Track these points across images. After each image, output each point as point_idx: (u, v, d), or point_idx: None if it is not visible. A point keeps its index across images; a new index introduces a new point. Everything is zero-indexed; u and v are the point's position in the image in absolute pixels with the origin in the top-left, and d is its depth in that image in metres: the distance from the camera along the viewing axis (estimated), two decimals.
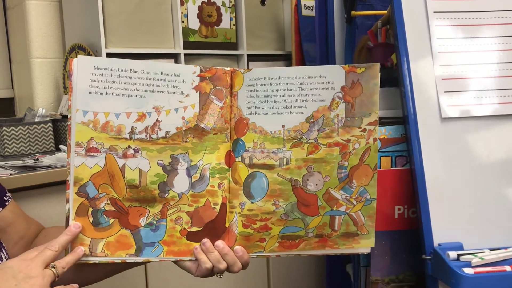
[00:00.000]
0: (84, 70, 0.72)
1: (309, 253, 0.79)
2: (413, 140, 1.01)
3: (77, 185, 0.73)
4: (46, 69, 1.74)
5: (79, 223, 0.73)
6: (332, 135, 0.76)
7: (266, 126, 0.77)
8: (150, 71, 0.74)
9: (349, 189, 0.77)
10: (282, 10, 2.01)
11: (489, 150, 1.02)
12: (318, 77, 0.76)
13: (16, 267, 0.66)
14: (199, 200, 0.77)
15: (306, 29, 1.86)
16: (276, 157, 0.77)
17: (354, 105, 0.76)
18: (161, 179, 0.75)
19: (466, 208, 1.00)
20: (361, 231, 0.78)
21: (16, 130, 1.39)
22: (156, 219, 0.76)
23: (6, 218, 0.83)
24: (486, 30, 1.06)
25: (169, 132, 0.76)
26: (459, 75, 1.04)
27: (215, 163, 0.77)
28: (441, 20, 1.06)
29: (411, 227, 1.06)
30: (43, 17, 1.73)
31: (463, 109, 1.02)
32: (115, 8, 1.56)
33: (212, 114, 0.77)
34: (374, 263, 1.09)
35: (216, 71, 0.77)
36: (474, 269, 0.89)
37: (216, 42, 1.81)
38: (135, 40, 1.61)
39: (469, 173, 1.01)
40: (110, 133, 0.73)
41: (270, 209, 0.77)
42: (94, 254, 0.74)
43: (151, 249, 0.76)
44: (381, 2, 1.55)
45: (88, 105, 0.72)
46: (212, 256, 0.76)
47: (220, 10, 1.80)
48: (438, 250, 0.95)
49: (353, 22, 1.49)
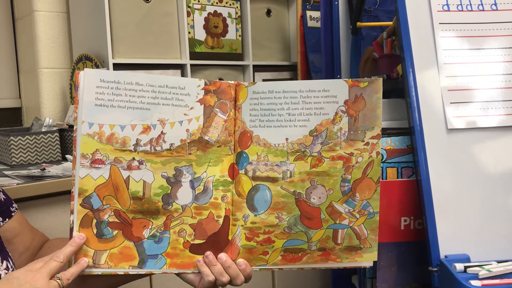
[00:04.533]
0: (90, 83, 0.73)
1: (312, 267, 0.79)
2: (419, 151, 1.01)
3: (81, 196, 0.73)
4: (54, 79, 1.76)
5: (84, 234, 0.73)
6: (336, 149, 0.76)
7: (269, 139, 0.77)
8: (155, 84, 0.75)
9: (352, 202, 0.77)
10: (288, 21, 2.02)
11: (495, 161, 1.01)
12: (321, 91, 0.76)
13: (22, 278, 0.66)
14: (203, 213, 0.77)
15: (312, 40, 1.87)
16: (279, 170, 0.77)
17: (357, 119, 0.76)
18: (165, 191, 0.76)
19: (473, 220, 0.99)
20: (364, 245, 0.78)
21: (23, 140, 1.40)
22: (160, 231, 0.76)
23: (13, 229, 0.84)
24: (492, 41, 1.06)
25: (173, 144, 0.76)
26: (465, 86, 1.04)
27: (218, 176, 0.77)
28: (447, 32, 1.06)
29: (417, 238, 1.06)
30: (51, 28, 1.75)
31: (469, 120, 1.02)
32: (122, 19, 1.58)
33: (216, 127, 0.77)
34: (380, 274, 1.08)
35: (220, 84, 0.78)
36: (481, 282, 0.88)
37: (222, 53, 1.82)
38: (142, 50, 1.63)
39: (475, 184, 1.00)
40: (115, 145, 0.74)
41: (273, 222, 0.77)
42: (98, 266, 0.74)
43: (154, 261, 0.76)
44: (386, 13, 1.55)
45: (94, 117, 0.73)
46: (215, 269, 0.75)
47: (226, 21, 1.82)
48: (445, 262, 0.94)
49: (358, 33, 1.49)
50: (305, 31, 1.88)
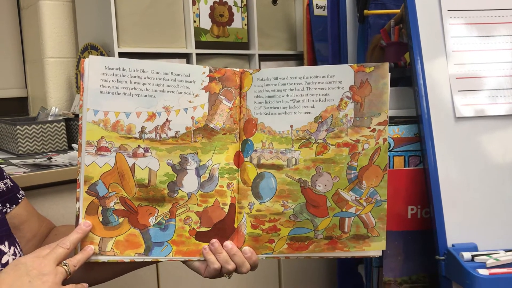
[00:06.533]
0: (95, 70, 0.72)
1: (319, 255, 0.78)
2: (427, 139, 1.00)
3: (87, 184, 0.73)
4: (59, 68, 1.76)
5: (90, 222, 0.73)
6: (341, 135, 0.75)
7: (274, 126, 0.76)
8: (160, 71, 0.74)
9: (359, 190, 0.76)
10: (294, 9, 2.01)
11: (503, 149, 1.00)
12: (326, 76, 0.75)
13: (29, 264, 0.66)
14: (208, 200, 0.77)
15: (318, 29, 1.85)
16: (284, 157, 0.76)
17: (363, 105, 0.75)
18: (171, 178, 0.76)
19: (480, 209, 0.99)
20: (371, 234, 0.77)
21: (29, 129, 1.40)
22: (165, 218, 0.76)
23: (20, 215, 0.84)
24: (501, 28, 1.04)
25: (178, 132, 0.76)
26: (474, 74, 1.02)
27: (224, 163, 0.77)
28: (455, 19, 1.04)
29: (424, 227, 1.05)
30: (56, 17, 1.75)
31: (478, 108, 1.01)
32: (128, 8, 1.57)
33: (221, 114, 0.77)
34: (387, 263, 1.08)
35: (225, 71, 0.77)
36: (489, 270, 0.88)
37: (227, 42, 1.80)
38: (147, 40, 1.62)
39: (483, 173, 0.99)
40: (120, 133, 0.74)
41: (278, 210, 0.77)
42: (104, 253, 0.74)
43: (160, 248, 0.76)
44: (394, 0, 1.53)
45: (99, 104, 0.73)
46: (221, 257, 0.75)
47: (232, 10, 1.80)
48: (452, 251, 0.94)
49: (365, 21, 1.48)
50: (311, 19, 1.86)
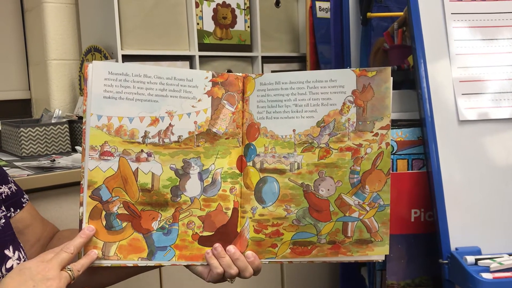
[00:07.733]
0: (99, 75, 0.73)
1: (322, 260, 0.78)
2: (430, 142, 1.00)
3: (90, 188, 0.73)
4: (63, 70, 1.76)
5: (93, 226, 0.73)
6: (344, 140, 0.75)
7: (277, 131, 0.76)
8: (163, 76, 0.75)
9: (362, 194, 0.76)
10: (297, 11, 2.01)
11: (507, 153, 1.00)
12: (328, 81, 0.75)
13: (34, 269, 0.66)
14: (211, 205, 0.77)
15: (321, 31, 1.85)
16: (287, 161, 0.76)
17: (365, 109, 0.75)
18: (174, 183, 0.76)
19: (484, 212, 0.98)
20: (375, 238, 0.77)
21: (33, 131, 1.41)
22: (168, 223, 0.76)
23: (24, 220, 0.84)
24: (505, 31, 1.04)
25: (181, 136, 0.76)
26: (477, 77, 1.02)
27: (227, 168, 0.77)
28: (459, 22, 1.04)
29: (427, 230, 1.05)
30: (60, 19, 1.75)
31: (481, 111, 1.01)
32: (131, 10, 1.58)
33: (224, 119, 0.77)
34: (390, 266, 1.08)
35: (228, 76, 0.77)
36: (492, 274, 0.87)
37: (230, 44, 1.81)
38: (150, 42, 1.62)
39: (486, 177, 0.99)
40: (123, 137, 0.74)
41: (281, 214, 0.77)
42: (107, 258, 0.74)
43: (163, 253, 0.76)
44: (397, 3, 1.53)
45: (102, 109, 0.73)
46: (224, 261, 0.75)
47: (235, 12, 1.80)
48: (456, 255, 0.93)
49: (368, 24, 1.48)
50: (314, 21, 1.86)
